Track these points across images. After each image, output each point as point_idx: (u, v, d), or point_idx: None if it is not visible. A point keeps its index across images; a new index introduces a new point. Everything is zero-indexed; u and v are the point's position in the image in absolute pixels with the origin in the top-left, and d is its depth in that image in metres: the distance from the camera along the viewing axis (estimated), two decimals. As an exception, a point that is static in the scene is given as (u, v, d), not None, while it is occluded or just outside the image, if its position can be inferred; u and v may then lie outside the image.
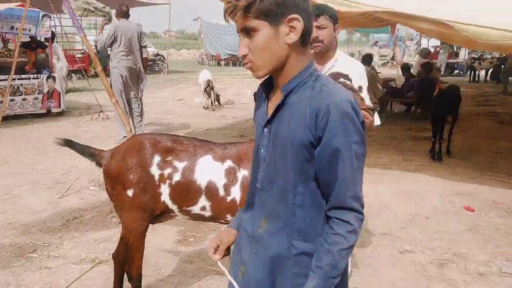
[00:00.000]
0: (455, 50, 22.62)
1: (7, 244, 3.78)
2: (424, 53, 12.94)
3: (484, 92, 14.98)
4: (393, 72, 18.71)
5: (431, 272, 3.41)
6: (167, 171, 2.42)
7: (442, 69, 19.07)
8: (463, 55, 23.03)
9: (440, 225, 4.28)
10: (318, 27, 2.61)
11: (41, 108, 9.76)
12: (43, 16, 9.79)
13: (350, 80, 2.36)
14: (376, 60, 21.86)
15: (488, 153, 6.98)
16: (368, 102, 2.37)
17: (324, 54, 2.68)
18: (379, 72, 10.55)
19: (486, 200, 4.92)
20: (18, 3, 9.27)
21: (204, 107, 11.21)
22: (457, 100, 6.83)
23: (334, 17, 2.61)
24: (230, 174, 2.42)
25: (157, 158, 2.42)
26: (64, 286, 3.14)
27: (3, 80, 8.92)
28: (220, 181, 2.41)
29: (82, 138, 7.63)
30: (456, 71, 21.68)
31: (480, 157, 6.71)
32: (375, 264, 3.52)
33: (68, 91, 13.77)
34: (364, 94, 2.38)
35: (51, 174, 5.68)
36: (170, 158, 2.43)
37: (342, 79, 2.35)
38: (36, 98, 9.61)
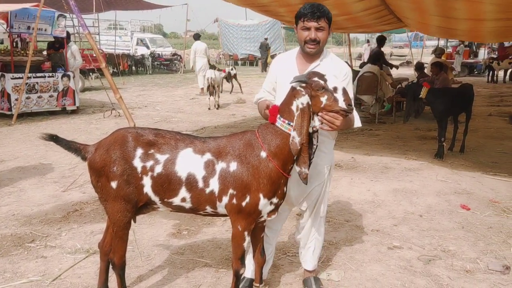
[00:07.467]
0: (474, 50, 22.30)
1: (8, 234, 3.95)
2: (438, 52, 12.84)
3: (500, 92, 14.76)
4: (411, 72, 18.59)
5: (416, 267, 3.44)
6: (149, 163, 2.50)
7: (458, 69, 18.87)
8: (483, 55, 22.66)
9: (432, 223, 4.29)
10: (318, 29, 2.68)
11: (56, 106, 10.04)
12: (59, 16, 10.05)
13: (325, 81, 2.40)
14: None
15: (493, 153, 6.91)
16: (341, 103, 2.39)
17: (314, 54, 2.76)
18: (390, 74, 10.48)
19: (484, 199, 4.90)
20: (34, 3, 9.54)
21: (208, 108, 11.17)
22: (468, 98, 6.80)
23: (331, 20, 2.69)
24: (209, 167, 2.50)
25: (139, 151, 2.51)
26: (57, 274, 3.26)
27: (19, 78, 9.21)
28: (199, 173, 2.49)
29: (93, 134, 7.85)
30: (476, 71, 21.41)
31: (484, 157, 6.65)
32: (361, 259, 3.56)
33: (84, 89, 14.12)
34: (339, 95, 2.40)
35: (57, 169, 5.87)
36: (152, 151, 2.51)
37: (316, 78, 2.40)
38: (51, 96, 9.89)
